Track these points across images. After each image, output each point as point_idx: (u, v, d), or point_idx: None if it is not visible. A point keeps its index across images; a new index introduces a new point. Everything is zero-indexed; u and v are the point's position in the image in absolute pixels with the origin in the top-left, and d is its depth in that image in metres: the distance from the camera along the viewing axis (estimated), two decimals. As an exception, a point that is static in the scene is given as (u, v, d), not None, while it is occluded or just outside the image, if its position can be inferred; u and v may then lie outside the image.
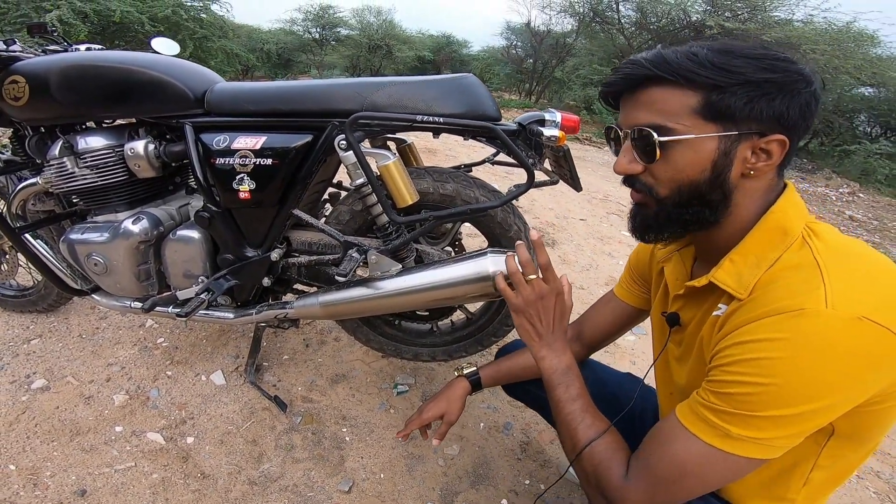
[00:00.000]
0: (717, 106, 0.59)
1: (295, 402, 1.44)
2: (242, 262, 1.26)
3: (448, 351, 1.47)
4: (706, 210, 0.66)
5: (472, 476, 1.30)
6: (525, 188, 1.06)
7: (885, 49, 9.03)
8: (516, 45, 14.60)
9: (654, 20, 8.79)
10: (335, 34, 16.52)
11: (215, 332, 1.68)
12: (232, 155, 1.15)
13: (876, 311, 0.53)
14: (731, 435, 0.58)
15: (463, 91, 1.06)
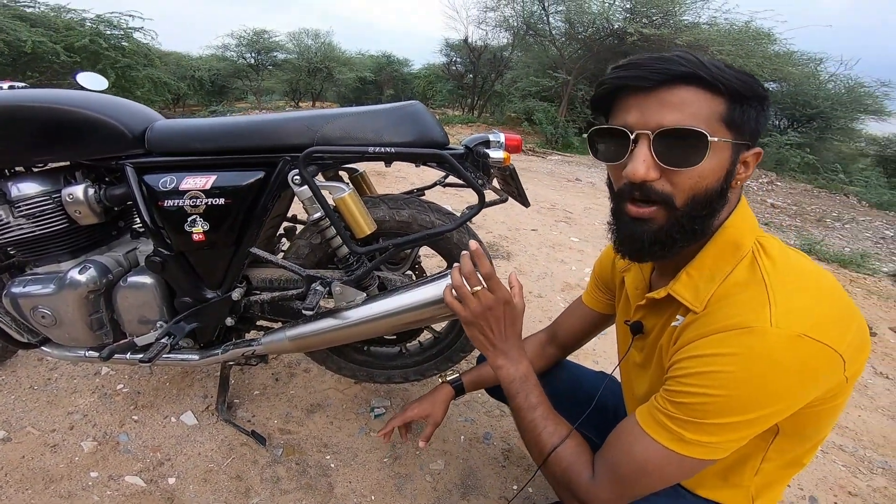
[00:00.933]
0: (737, 116, 0.60)
1: (273, 435, 1.41)
2: (202, 304, 1.23)
3: (420, 371, 1.48)
4: (708, 220, 0.65)
5: (461, 488, 1.31)
6: (477, 209, 1.09)
7: (780, 46, 9.99)
8: (456, 62, 14.95)
9: (582, 30, 9.32)
10: (272, 59, 16.23)
11: (178, 374, 1.61)
12: (181, 196, 1.12)
13: (814, 329, 0.58)
14: (684, 439, 0.63)
15: (410, 119, 1.09)
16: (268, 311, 1.32)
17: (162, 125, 1.18)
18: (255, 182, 1.11)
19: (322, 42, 16.49)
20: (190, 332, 1.23)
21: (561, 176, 6.46)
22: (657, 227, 0.65)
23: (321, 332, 1.18)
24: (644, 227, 0.65)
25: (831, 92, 11.50)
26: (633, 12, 8.54)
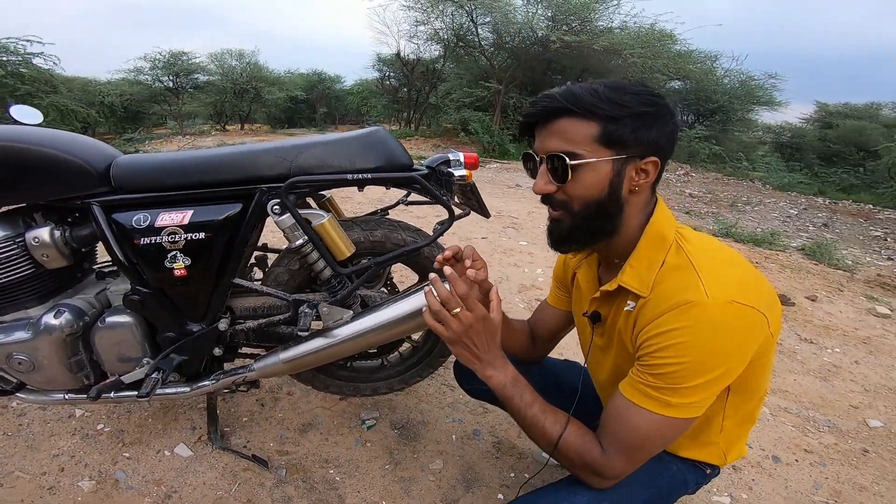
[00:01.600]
0: (611, 134, 0.73)
1: (272, 458, 1.41)
2: (188, 337, 1.22)
3: (403, 380, 1.54)
4: (607, 221, 0.80)
5: (463, 482, 1.38)
6: (448, 224, 1.19)
7: (681, 45, 10.99)
8: (389, 76, 14.99)
9: (509, 39, 9.76)
10: (192, 81, 15.48)
11: (159, 410, 1.57)
12: (158, 233, 1.11)
13: (738, 294, 0.72)
14: (671, 404, 0.75)
15: (378, 145, 1.16)
16: (253, 338, 1.33)
17: (127, 161, 1.17)
18: (233, 214, 1.14)
19: (247, 62, 15.96)
20: (178, 366, 1.22)
21: (502, 183, 6.70)
22: (565, 227, 0.81)
23: (314, 352, 1.21)
24: (557, 225, 0.83)
25: (727, 87, 12.79)
26: (555, 20, 9.06)
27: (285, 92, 16.65)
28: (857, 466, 1.57)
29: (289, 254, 1.30)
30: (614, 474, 0.81)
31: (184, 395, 1.26)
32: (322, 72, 19.05)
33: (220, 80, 15.41)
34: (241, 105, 16.22)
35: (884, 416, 1.86)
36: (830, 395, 2.01)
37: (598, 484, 0.83)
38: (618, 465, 0.80)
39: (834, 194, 9.93)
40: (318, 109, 18.69)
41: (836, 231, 5.78)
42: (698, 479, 0.96)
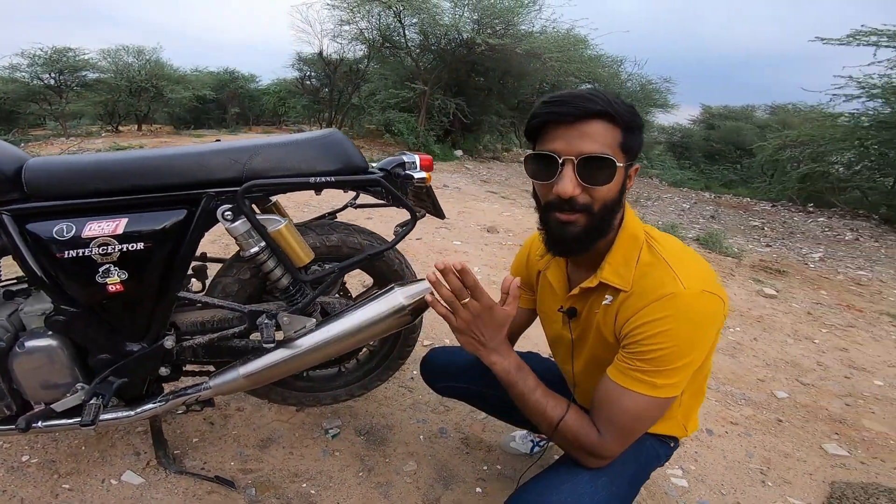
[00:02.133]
0: (628, 142, 0.80)
1: (236, 477, 1.30)
2: (128, 359, 1.09)
3: (363, 385, 1.50)
4: (612, 221, 0.86)
5: (440, 481, 1.37)
6: (411, 227, 1.19)
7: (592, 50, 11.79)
8: (310, 76, 14.40)
9: (435, 41, 9.81)
10: (79, 79, 13.79)
11: (89, 437, 1.39)
12: (86, 245, 0.98)
13: (706, 284, 0.81)
14: (657, 385, 0.81)
15: (334, 148, 1.12)
16: (203, 355, 1.22)
17: (40, 164, 1.02)
18: (176, 222, 1.03)
19: (147, 59, 14.53)
20: (118, 389, 1.08)
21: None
22: (580, 229, 0.83)
23: (278, 364, 1.14)
24: (570, 228, 0.83)
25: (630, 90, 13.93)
26: (480, 23, 9.24)
27: (191, 91, 15.38)
28: (776, 435, 1.77)
29: (237, 263, 1.21)
30: (610, 454, 0.86)
31: (129, 419, 1.12)
32: (234, 70, 17.83)
33: (114, 77, 13.87)
34: (137, 104, 14.73)
35: (787, 388, 2.11)
36: (740, 370, 2.24)
37: (594, 464, 0.87)
38: (613, 446, 0.85)
39: (717, 189, 11.22)
40: (229, 110, 17.50)
41: (722, 222, 6.50)
42: (667, 452, 1.05)
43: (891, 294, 3.96)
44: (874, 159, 8.30)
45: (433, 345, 2.09)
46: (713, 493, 1.44)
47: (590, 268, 0.93)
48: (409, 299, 1.13)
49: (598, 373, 0.95)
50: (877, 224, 7.08)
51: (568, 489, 0.84)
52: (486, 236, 4.00)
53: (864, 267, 4.82)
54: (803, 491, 1.49)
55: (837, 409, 1.97)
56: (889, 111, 7.70)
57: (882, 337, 2.88)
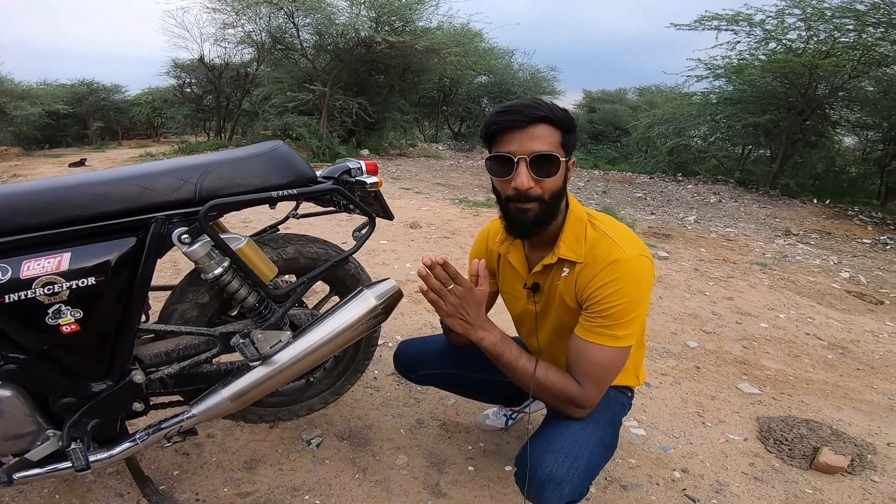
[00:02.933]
0: (566, 141, 0.96)
1: (236, 502, 1.23)
2: (94, 400, 1.00)
3: (335, 391, 1.50)
4: (559, 207, 1.02)
5: (433, 467, 1.42)
6: (370, 231, 1.23)
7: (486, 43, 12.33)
8: (191, 83, 13.18)
9: (331, 41, 9.53)
10: None
11: (59, 484, 1.24)
12: (27, 286, 0.88)
13: (642, 249, 0.99)
14: (618, 336, 0.97)
15: (283, 160, 1.12)
16: (173, 385, 1.15)
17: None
18: (126, 251, 0.96)
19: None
20: (93, 430, 1.00)
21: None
22: (535, 214, 0.98)
23: (262, 381, 1.11)
24: (527, 215, 0.98)
25: (522, 79, 14.80)
26: (378, 21, 9.16)
27: (41, 106, 13.36)
28: (699, 381, 2.04)
29: (192, 287, 1.15)
30: (591, 403, 1.00)
31: (110, 459, 1.03)
32: (92, 81, 15.77)
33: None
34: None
35: (695, 338, 2.44)
36: (655, 326, 2.54)
37: (579, 414, 1.01)
38: (592, 395, 0.99)
39: (604, 167, 12.42)
40: (90, 124, 15.46)
41: (612, 196, 7.22)
42: (628, 401, 1.22)
43: (755, 246, 4.73)
44: (724, 131, 9.75)
45: (386, 343, 2.12)
46: (668, 438, 1.65)
47: (545, 248, 1.09)
48: (379, 299, 1.17)
49: (563, 338, 1.09)
50: (734, 187, 8.37)
51: (569, 437, 0.98)
52: (411, 232, 4.05)
53: (729, 225, 5.69)
54: (737, 427, 1.73)
55: (739, 352, 2.33)
56: (732, 89, 9.08)
57: (756, 284, 3.43)
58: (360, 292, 1.20)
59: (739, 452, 1.59)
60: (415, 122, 12.53)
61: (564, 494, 0.93)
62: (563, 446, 0.96)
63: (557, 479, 0.92)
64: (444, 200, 5.65)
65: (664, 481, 1.44)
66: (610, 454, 1.06)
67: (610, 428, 1.07)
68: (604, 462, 1.03)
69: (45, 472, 1.00)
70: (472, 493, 1.33)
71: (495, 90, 14.60)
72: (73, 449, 0.97)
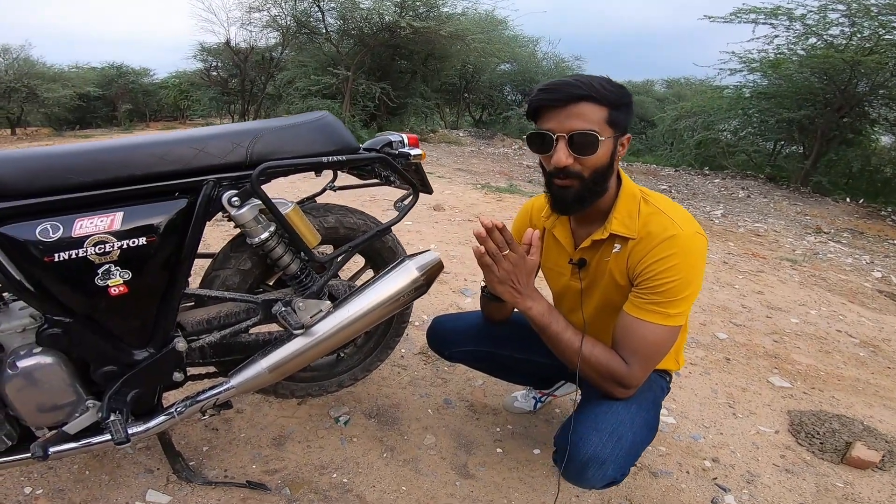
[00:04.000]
0: (615, 118, 0.92)
1: (264, 479, 1.24)
2: (137, 368, 1.01)
3: (365, 367, 1.50)
4: (604, 184, 0.99)
5: (461, 448, 1.42)
6: (413, 202, 1.23)
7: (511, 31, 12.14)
8: (217, 66, 13.35)
9: (355, 26, 9.52)
10: (-70, 82, 11.72)
11: (90, 459, 1.26)
12: (79, 245, 0.89)
13: (696, 227, 0.97)
14: (670, 315, 0.95)
15: (328, 129, 1.12)
16: (212, 355, 1.16)
17: (13, 158, 0.90)
18: (178, 212, 0.97)
19: (15, 58, 12.69)
20: (133, 401, 1.01)
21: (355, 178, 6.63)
22: (575, 191, 0.97)
23: (300, 352, 1.11)
24: (567, 192, 0.97)
25: (546, 68, 14.53)
26: (402, 6, 9.09)
27: (71, 89, 13.66)
28: (729, 372, 2.01)
29: (236, 253, 1.16)
30: (636, 382, 0.98)
31: (147, 433, 1.04)
32: (122, 65, 16.06)
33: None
34: (8, 107, 12.85)
35: (724, 329, 2.40)
36: None
37: (622, 393, 0.99)
38: (639, 373, 0.97)
39: (628, 158, 12.15)
40: (119, 106, 15.77)
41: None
42: (667, 385, 1.20)
43: (785, 242, 4.61)
44: (756, 126, 9.45)
45: (412, 322, 2.12)
46: (698, 427, 1.63)
47: (594, 223, 1.06)
48: (421, 270, 1.17)
49: (607, 316, 1.08)
50: (763, 182, 8.14)
51: (612, 417, 0.97)
52: (435, 214, 4.06)
53: (758, 220, 5.54)
54: (768, 420, 1.71)
55: (770, 346, 2.29)
56: (766, 83, 8.79)
57: (787, 279, 3.36)
58: (401, 262, 1.20)
59: (770, 444, 1.57)
60: (436, 108, 12.43)
61: (607, 475, 0.92)
62: (608, 425, 0.95)
63: (602, 459, 0.92)
64: (466, 185, 5.63)
65: (694, 470, 1.42)
66: (652, 436, 1.05)
67: (653, 409, 1.06)
68: (646, 444, 1.02)
69: (81, 447, 1.00)
70: (500, 475, 1.33)
71: (518, 78, 14.39)
72: (113, 421, 0.97)
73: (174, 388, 1.12)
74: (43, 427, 0.98)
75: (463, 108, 16.49)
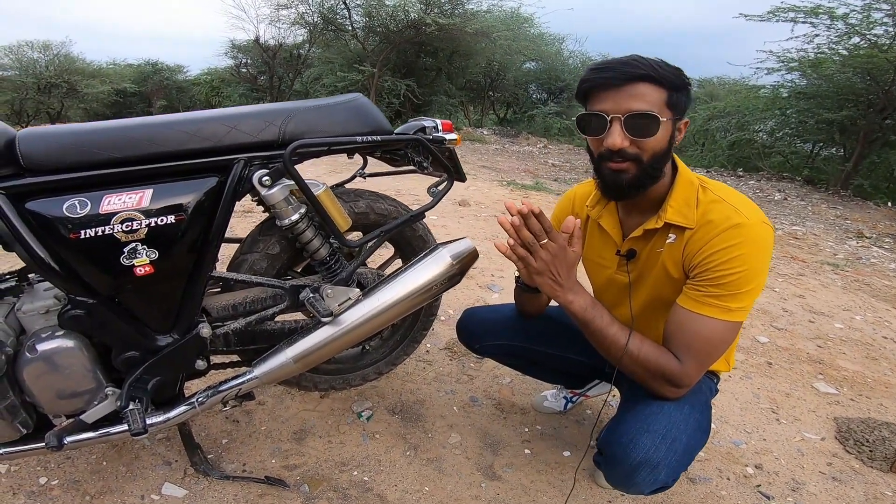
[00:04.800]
0: (674, 100, 0.87)
1: (282, 475, 1.21)
2: (159, 354, 0.98)
3: (390, 361, 1.46)
4: (661, 168, 0.93)
5: (487, 448, 1.36)
6: (448, 188, 1.18)
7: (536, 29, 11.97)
8: (246, 63, 13.64)
9: (381, 22, 9.56)
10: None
11: (108, 450, 1.24)
12: (106, 222, 0.87)
13: (762, 217, 0.90)
14: (731, 309, 0.87)
15: (362, 111, 1.08)
16: (236, 343, 1.13)
17: (38, 134, 0.88)
18: (208, 191, 0.94)
19: (56, 54, 13.18)
20: (154, 389, 0.98)
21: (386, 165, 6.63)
22: (631, 175, 0.91)
23: (327, 342, 1.07)
24: (622, 175, 0.91)
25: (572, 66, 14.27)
26: (428, 3, 9.13)
27: (109, 85, 14.13)
28: (771, 377, 1.91)
29: (264, 236, 1.12)
30: (689, 381, 0.91)
31: (166, 423, 1.01)
32: (157, 61, 16.53)
33: (19, 75, 12.56)
34: (49, 101, 13.37)
35: (765, 333, 2.28)
36: None
37: (673, 393, 0.92)
38: (693, 372, 0.90)
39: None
40: (154, 102, 16.26)
41: None
42: (715, 387, 1.12)
43: (825, 246, 4.39)
44: (794, 127, 9.09)
45: (438, 317, 2.07)
46: (740, 433, 1.54)
47: (645, 212, 0.99)
48: (455, 258, 1.12)
49: (657, 311, 1.00)
50: (800, 185, 7.79)
51: (664, 419, 0.90)
52: (460, 210, 4.01)
53: (796, 223, 5.30)
54: (813, 426, 1.62)
55: (813, 351, 2.16)
56: (806, 83, 8.44)
57: (829, 284, 3.19)
58: (435, 249, 1.15)
59: (816, 451, 1.49)
60: (460, 105, 12.38)
61: (659, 479, 0.86)
62: (660, 427, 0.88)
63: (654, 462, 0.85)
64: (492, 182, 5.56)
65: (735, 476, 1.34)
66: (706, 439, 0.97)
67: (706, 411, 0.99)
68: (700, 447, 0.95)
69: (98, 437, 0.97)
70: (528, 478, 1.27)
71: (544, 77, 14.18)
72: (131, 410, 0.93)
73: (196, 376, 1.10)
74: (60, 415, 0.96)
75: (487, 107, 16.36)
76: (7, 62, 12.62)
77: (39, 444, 0.94)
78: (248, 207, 3.20)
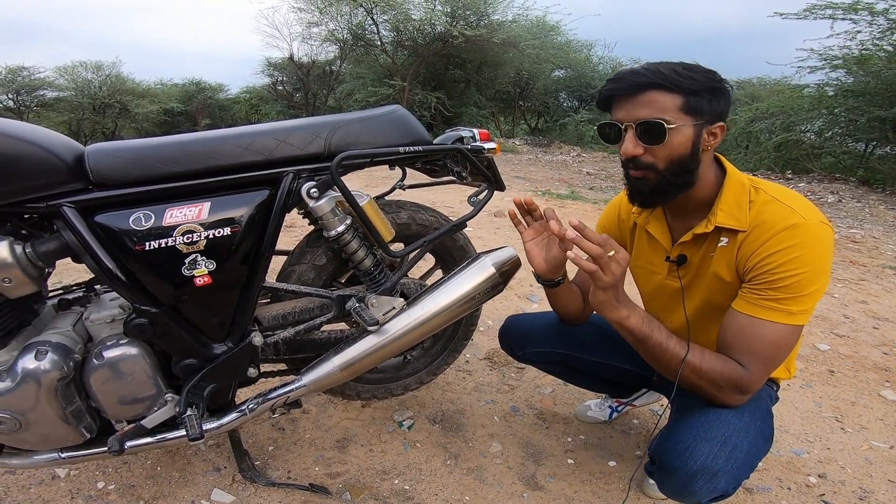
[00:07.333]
0: (692, 105, 0.84)
1: (325, 482, 1.23)
2: (215, 362, 1.02)
3: (431, 371, 1.46)
4: (689, 175, 0.90)
5: (530, 458, 1.34)
6: (488, 197, 1.18)
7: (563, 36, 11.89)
8: (282, 81, 14.19)
9: (409, 36, 9.76)
10: (38, 98, 13.24)
11: (163, 455, 1.30)
12: (169, 234, 0.91)
13: (821, 217, 0.86)
14: (793, 312, 0.84)
15: (402, 122, 1.10)
16: (285, 351, 1.16)
17: (106, 150, 0.94)
18: (261, 203, 0.98)
19: (108, 74, 14.02)
20: (210, 396, 1.02)
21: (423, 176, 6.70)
22: (651, 183, 0.90)
23: (373, 350, 1.08)
24: (642, 183, 0.91)
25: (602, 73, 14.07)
26: (453, 16, 9.26)
27: (158, 104, 14.95)
28: (834, 385, 1.81)
29: (311, 248, 1.15)
30: (755, 387, 0.88)
31: (217, 430, 1.05)
32: (200, 81, 17.41)
33: (75, 95, 13.38)
34: (104, 122, 14.24)
35: (826, 341, 2.16)
36: None
37: (737, 400, 0.89)
38: (759, 377, 0.87)
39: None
40: (199, 121, 17.09)
41: None
42: (776, 395, 1.07)
43: (886, 249, 4.12)
44: (843, 126, 8.61)
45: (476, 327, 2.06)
46: (801, 442, 1.47)
47: (694, 216, 0.96)
48: (498, 266, 1.12)
49: (709, 317, 0.97)
50: (855, 186, 7.35)
51: (723, 426, 0.87)
52: (496, 220, 4.01)
53: (854, 226, 5.00)
54: (881, 435, 1.52)
55: (878, 358, 2.03)
56: (852, 80, 8.00)
57: (892, 289, 2.98)
58: (477, 258, 1.15)
59: (885, 460, 1.41)
60: (491, 116, 12.42)
61: (718, 487, 0.83)
62: (719, 434, 0.85)
63: (713, 470, 0.82)
64: (526, 192, 5.53)
65: (796, 486, 1.28)
66: (769, 447, 0.94)
67: (768, 418, 0.95)
68: (762, 455, 0.92)
69: (156, 442, 1.01)
70: (571, 488, 1.24)
71: (574, 84, 14.05)
72: (189, 416, 0.97)
73: (248, 384, 1.13)
74: (122, 420, 1.00)
75: (518, 116, 16.34)
76: (63, 83, 13.42)
77: (102, 448, 0.98)
78: (290, 222, 3.31)
